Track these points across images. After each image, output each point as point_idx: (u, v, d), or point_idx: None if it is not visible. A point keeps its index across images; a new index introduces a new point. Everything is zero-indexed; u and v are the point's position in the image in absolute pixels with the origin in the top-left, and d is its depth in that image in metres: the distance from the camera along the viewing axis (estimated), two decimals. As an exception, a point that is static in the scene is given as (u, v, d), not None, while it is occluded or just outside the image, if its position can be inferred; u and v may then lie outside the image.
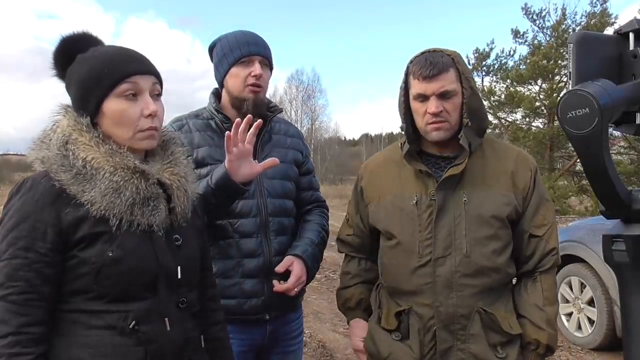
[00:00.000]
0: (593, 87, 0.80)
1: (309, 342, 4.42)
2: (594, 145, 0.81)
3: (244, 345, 1.71)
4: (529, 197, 1.55)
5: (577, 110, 0.79)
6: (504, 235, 1.52)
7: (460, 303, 1.48)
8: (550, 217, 1.57)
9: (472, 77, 1.55)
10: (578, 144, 0.82)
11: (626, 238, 0.92)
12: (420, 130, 1.53)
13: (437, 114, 1.46)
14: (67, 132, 1.15)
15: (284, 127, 1.92)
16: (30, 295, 1.06)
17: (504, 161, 1.57)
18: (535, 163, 1.63)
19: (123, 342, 1.11)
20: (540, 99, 16.98)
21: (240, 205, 1.69)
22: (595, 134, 0.80)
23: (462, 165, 1.49)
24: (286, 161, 1.83)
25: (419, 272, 1.51)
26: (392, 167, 1.64)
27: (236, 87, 1.74)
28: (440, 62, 1.47)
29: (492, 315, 1.49)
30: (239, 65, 1.73)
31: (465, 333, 1.49)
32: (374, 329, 1.64)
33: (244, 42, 1.74)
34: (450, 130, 1.50)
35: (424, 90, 1.47)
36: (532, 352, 1.53)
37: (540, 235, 1.54)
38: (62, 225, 1.09)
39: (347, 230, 1.77)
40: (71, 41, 1.22)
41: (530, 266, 1.56)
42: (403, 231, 1.55)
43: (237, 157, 1.53)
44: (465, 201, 1.50)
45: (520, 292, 1.57)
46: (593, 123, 0.78)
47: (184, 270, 1.22)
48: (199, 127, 1.78)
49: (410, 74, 1.51)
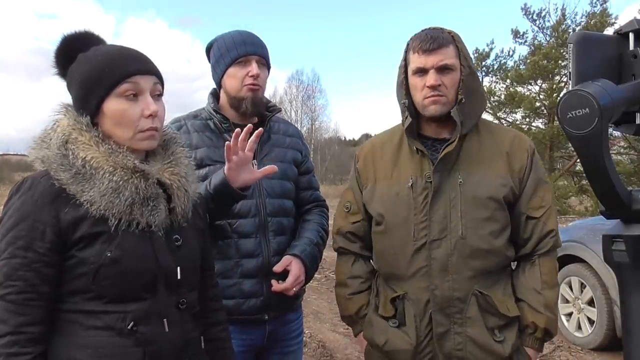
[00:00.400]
0: (593, 87, 0.80)
1: (309, 342, 4.42)
2: (594, 145, 0.81)
3: (243, 345, 1.71)
4: (526, 178, 1.53)
5: (577, 111, 0.79)
6: (501, 217, 1.51)
7: (457, 286, 1.47)
8: (548, 198, 1.55)
9: (470, 57, 1.55)
10: (578, 144, 0.83)
11: (626, 238, 0.92)
12: (417, 105, 1.53)
13: (435, 87, 1.46)
14: (67, 131, 1.15)
15: (283, 127, 1.92)
16: (29, 294, 1.06)
17: (499, 142, 1.56)
18: (533, 145, 1.61)
19: (121, 343, 1.11)
20: (540, 99, 16.99)
21: (239, 205, 1.69)
22: (595, 134, 0.80)
23: (455, 142, 1.48)
24: (285, 161, 1.83)
25: (414, 256, 1.50)
26: (388, 149, 1.63)
27: (234, 87, 1.75)
28: (440, 37, 1.48)
29: (489, 297, 1.48)
30: (236, 66, 1.74)
31: (462, 316, 1.48)
32: (372, 317, 1.62)
33: (240, 42, 1.74)
34: (447, 105, 1.49)
35: (424, 63, 1.47)
36: (530, 335, 1.51)
37: (537, 217, 1.52)
38: (61, 225, 1.09)
39: (352, 218, 1.68)
40: (73, 40, 1.22)
41: (529, 249, 1.54)
42: (397, 215, 1.53)
43: (237, 165, 1.53)
44: (461, 182, 1.49)
45: (519, 276, 1.56)
46: (593, 123, 0.78)
47: (183, 270, 1.22)
48: (197, 128, 1.78)
49: (410, 50, 1.52)
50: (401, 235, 1.53)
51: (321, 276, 7.28)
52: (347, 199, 1.71)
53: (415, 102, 1.53)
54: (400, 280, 1.55)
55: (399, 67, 1.57)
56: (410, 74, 1.52)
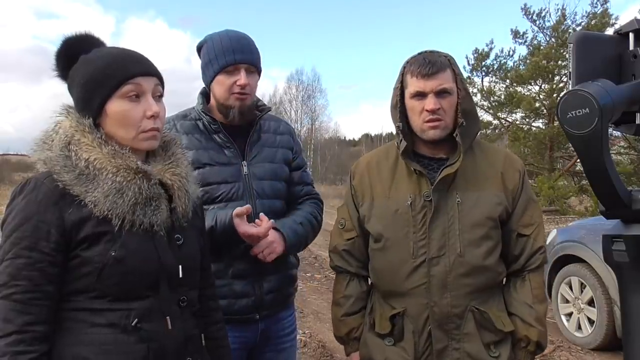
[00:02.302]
0: (593, 87, 0.80)
1: (309, 342, 4.42)
2: (594, 145, 0.81)
3: (237, 343, 1.71)
4: (517, 197, 1.57)
5: (577, 110, 0.79)
6: (495, 235, 1.54)
7: (455, 303, 1.50)
8: (537, 217, 1.60)
9: (465, 80, 1.58)
10: (578, 144, 0.83)
11: (626, 238, 0.92)
12: (415, 129, 1.55)
13: (434, 110, 1.48)
14: (70, 133, 1.16)
15: (273, 125, 1.89)
16: (34, 294, 1.07)
17: (493, 163, 1.59)
18: (523, 165, 1.67)
19: (125, 340, 1.12)
20: (540, 99, 16.97)
21: (229, 207, 1.69)
22: (595, 134, 0.80)
23: (456, 164, 1.50)
24: (275, 161, 1.82)
25: (413, 273, 1.52)
26: (384, 167, 1.64)
27: (221, 94, 1.72)
28: (438, 61, 1.50)
29: (486, 313, 1.51)
30: (224, 73, 1.70)
31: (460, 332, 1.51)
32: (367, 336, 1.63)
33: (229, 49, 1.70)
34: (445, 130, 1.52)
35: (423, 87, 1.49)
36: (523, 349, 1.55)
37: (527, 234, 1.56)
38: (65, 225, 1.10)
39: (346, 235, 1.68)
40: (73, 42, 1.23)
41: (519, 265, 1.58)
42: (397, 232, 1.55)
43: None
44: (459, 202, 1.52)
45: (510, 291, 1.60)
46: (593, 123, 0.78)
47: (185, 269, 1.23)
48: (186, 129, 1.76)
49: (407, 73, 1.53)
50: (400, 252, 1.54)
51: (321, 276, 7.29)
52: (342, 216, 1.71)
53: (412, 125, 1.55)
54: (399, 297, 1.56)
55: (394, 89, 1.58)
56: (407, 97, 1.54)
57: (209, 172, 1.71)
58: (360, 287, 1.70)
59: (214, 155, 1.74)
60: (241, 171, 1.75)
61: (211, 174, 1.71)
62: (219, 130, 1.75)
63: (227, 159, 1.75)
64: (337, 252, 1.70)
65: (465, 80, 1.59)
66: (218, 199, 1.71)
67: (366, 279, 1.71)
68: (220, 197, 1.71)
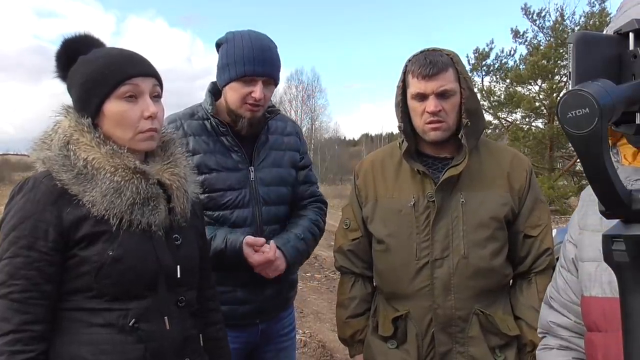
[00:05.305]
0: (593, 87, 0.80)
1: (309, 342, 4.42)
2: (594, 145, 0.80)
3: (237, 342, 1.71)
4: (524, 197, 1.54)
5: (577, 110, 0.79)
6: (501, 236, 1.51)
7: (459, 305, 1.48)
8: (545, 218, 1.56)
9: (470, 78, 1.54)
10: (578, 144, 0.82)
11: (626, 238, 0.92)
12: (417, 129, 1.52)
13: (435, 112, 1.45)
14: (69, 132, 1.16)
15: (280, 125, 1.87)
16: (32, 293, 1.06)
17: (499, 162, 1.56)
18: (531, 164, 1.62)
19: (123, 340, 1.12)
20: (540, 99, 17.00)
21: (235, 214, 1.68)
22: (595, 134, 0.80)
23: (461, 165, 1.48)
24: (282, 165, 1.80)
25: (417, 275, 1.50)
26: (388, 167, 1.62)
27: (234, 102, 1.66)
28: (439, 61, 1.46)
29: (491, 317, 1.48)
30: (240, 82, 1.64)
31: (464, 336, 1.48)
32: (370, 339, 1.62)
33: (249, 59, 1.62)
34: (447, 131, 1.50)
35: (423, 89, 1.46)
36: (529, 354, 1.52)
37: (535, 235, 1.53)
38: (63, 224, 1.10)
39: (351, 235, 1.66)
40: (73, 42, 1.23)
41: (526, 267, 1.55)
42: (400, 233, 1.53)
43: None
44: (463, 202, 1.49)
45: (516, 294, 1.56)
46: (593, 123, 0.77)
47: (183, 269, 1.23)
48: (194, 131, 1.71)
49: (409, 73, 1.50)
50: (403, 253, 1.52)
51: (321, 276, 7.29)
52: (347, 216, 1.70)
53: (414, 126, 1.53)
54: (402, 299, 1.54)
55: (397, 87, 1.56)
56: (409, 97, 1.51)
57: (216, 179, 1.67)
58: (365, 288, 1.68)
59: (220, 159, 1.70)
60: (248, 177, 1.72)
61: (217, 181, 1.68)
62: (227, 133, 1.71)
63: (234, 163, 1.71)
64: (342, 253, 1.69)
65: (470, 79, 1.54)
66: (224, 206, 1.68)
67: (371, 280, 1.69)
68: (226, 204, 1.68)
